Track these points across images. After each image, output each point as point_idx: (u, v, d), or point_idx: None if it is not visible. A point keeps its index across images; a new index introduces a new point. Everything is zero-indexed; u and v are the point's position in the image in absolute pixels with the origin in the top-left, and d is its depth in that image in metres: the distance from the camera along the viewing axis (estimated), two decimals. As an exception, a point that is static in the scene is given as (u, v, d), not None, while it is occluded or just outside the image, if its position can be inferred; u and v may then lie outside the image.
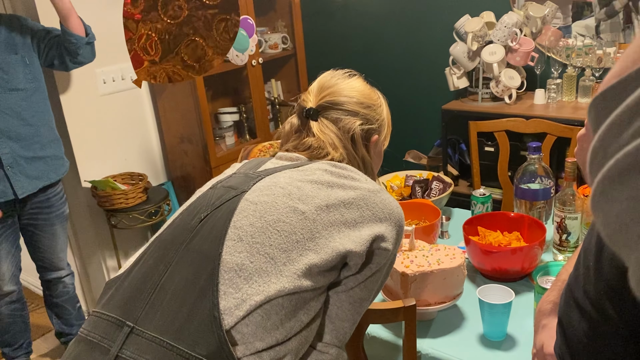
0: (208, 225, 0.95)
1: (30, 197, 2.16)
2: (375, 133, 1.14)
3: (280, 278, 0.88)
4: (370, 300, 1.02)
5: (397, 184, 1.91)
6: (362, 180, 1.03)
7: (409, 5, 3.15)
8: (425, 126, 3.29)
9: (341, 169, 1.04)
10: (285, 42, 3.31)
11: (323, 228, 0.94)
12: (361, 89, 1.16)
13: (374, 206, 0.99)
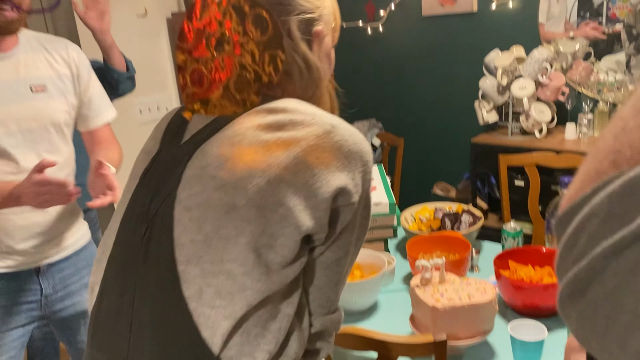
0: (153, 244, 0.83)
1: None
2: (319, 24, 0.93)
3: (243, 292, 0.78)
4: (349, 256, 0.88)
5: (426, 216, 1.91)
6: (307, 122, 0.82)
7: (438, 39, 3.20)
8: (454, 159, 3.29)
9: (277, 113, 0.83)
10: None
11: (271, 212, 0.78)
12: None
13: (327, 156, 0.80)
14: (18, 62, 1.46)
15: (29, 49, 1.49)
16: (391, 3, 3.30)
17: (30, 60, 1.48)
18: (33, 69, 1.47)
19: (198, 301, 0.78)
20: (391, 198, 1.67)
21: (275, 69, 0.77)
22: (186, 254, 0.80)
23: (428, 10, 3.18)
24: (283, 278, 0.81)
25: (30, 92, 1.46)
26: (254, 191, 0.78)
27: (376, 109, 3.56)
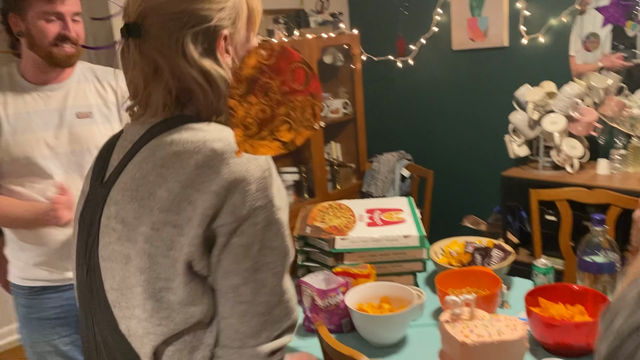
0: (93, 285, 0.89)
1: None
2: (222, 28, 0.85)
3: (147, 337, 0.83)
4: (250, 285, 0.81)
5: (456, 250, 1.91)
6: (189, 151, 0.81)
7: (468, 73, 3.23)
8: (483, 192, 3.28)
9: (166, 146, 0.83)
10: (346, 107, 3.43)
11: (163, 258, 0.80)
12: None
13: (202, 182, 0.79)
14: (68, 91, 1.60)
15: (81, 79, 1.63)
16: (421, 38, 3.36)
17: (80, 89, 1.61)
18: (81, 97, 1.60)
19: (129, 336, 0.85)
20: (421, 231, 1.69)
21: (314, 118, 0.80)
22: (111, 298, 0.86)
23: (458, 44, 3.22)
24: (189, 317, 0.82)
25: (76, 118, 1.58)
26: (143, 240, 0.81)
27: (406, 141, 3.59)
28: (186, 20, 0.83)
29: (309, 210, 1.87)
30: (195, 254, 0.80)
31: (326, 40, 3.11)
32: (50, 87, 1.58)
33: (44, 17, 1.49)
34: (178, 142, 0.83)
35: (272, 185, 0.84)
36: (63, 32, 1.50)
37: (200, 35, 0.84)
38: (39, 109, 1.56)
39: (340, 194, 3.35)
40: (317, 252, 1.72)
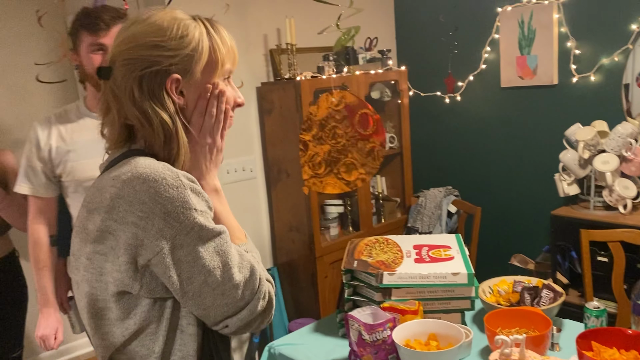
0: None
1: None
2: (172, 72, 0.95)
3: (97, 348, 0.99)
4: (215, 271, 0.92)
5: (504, 289, 1.89)
6: (116, 187, 0.91)
7: (517, 110, 3.22)
8: (532, 230, 3.23)
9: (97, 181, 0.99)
10: (392, 142, 3.46)
11: (97, 282, 0.94)
12: (148, 27, 0.95)
13: (122, 211, 0.89)
14: None
15: None
16: (469, 75, 3.38)
17: None
18: None
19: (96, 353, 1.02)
20: (469, 268, 1.69)
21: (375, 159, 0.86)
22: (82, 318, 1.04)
23: (507, 82, 3.23)
24: (125, 330, 0.94)
25: None
26: (83, 269, 0.96)
27: (453, 177, 3.59)
28: (138, 64, 0.93)
29: (356, 244, 1.90)
30: (127, 280, 0.91)
31: (374, 76, 3.18)
32: None
33: (90, 50, 1.64)
34: (101, 179, 0.96)
35: (187, 196, 0.90)
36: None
37: (146, 78, 0.94)
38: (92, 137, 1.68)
39: (385, 228, 3.36)
40: (364, 286, 1.74)
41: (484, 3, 3.24)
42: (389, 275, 1.66)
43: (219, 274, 0.92)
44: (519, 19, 3.10)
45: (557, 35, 2.97)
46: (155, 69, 0.93)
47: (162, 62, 0.94)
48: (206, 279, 0.91)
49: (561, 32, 2.96)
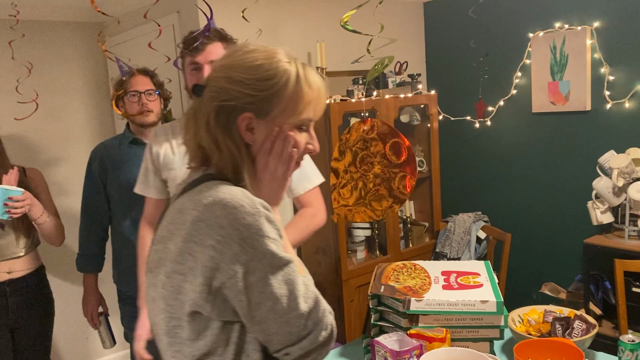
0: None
1: None
2: (247, 110, 0.98)
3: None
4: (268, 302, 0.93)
5: (535, 319, 1.85)
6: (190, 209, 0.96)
7: (549, 136, 3.18)
8: (564, 259, 3.16)
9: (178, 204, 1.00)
10: (422, 166, 3.45)
11: (173, 300, 0.97)
12: (241, 61, 1.00)
13: (202, 234, 0.92)
14: None
15: None
16: (500, 100, 3.36)
17: None
18: None
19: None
20: (498, 296, 1.66)
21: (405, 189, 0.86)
22: (154, 332, 1.07)
23: (538, 107, 3.20)
24: (195, 351, 0.97)
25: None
26: (160, 286, 0.99)
27: (483, 202, 3.54)
28: (220, 94, 0.98)
29: (383, 269, 1.89)
30: (200, 301, 0.94)
31: (403, 100, 3.19)
32: None
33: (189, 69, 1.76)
34: (182, 200, 1.00)
35: (262, 223, 0.93)
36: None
37: (223, 109, 0.98)
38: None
39: (413, 253, 3.33)
40: (391, 312, 1.72)
41: (515, 29, 3.24)
42: (416, 301, 1.64)
43: (286, 302, 0.94)
44: (551, 45, 3.08)
45: (590, 61, 2.94)
46: (233, 103, 0.98)
47: (241, 99, 0.98)
48: (273, 306, 0.93)
49: (594, 58, 2.92)
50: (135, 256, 1.99)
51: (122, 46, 3.26)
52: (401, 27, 3.62)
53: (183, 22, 2.77)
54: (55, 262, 2.99)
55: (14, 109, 2.70)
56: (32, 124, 3.05)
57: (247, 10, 2.18)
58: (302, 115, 1.01)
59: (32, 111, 2.58)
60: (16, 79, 2.74)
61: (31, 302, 2.28)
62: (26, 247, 2.27)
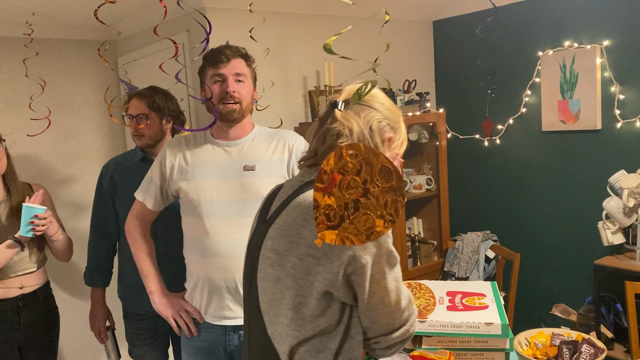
0: (252, 299, 1.25)
1: None
2: (392, 132, 1.24)
3: (286, 337, 1.14)
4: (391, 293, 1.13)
5: (542, 342, 1.82)
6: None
7: (558, 155, 3.16)
8: (574, 280, 3.11)
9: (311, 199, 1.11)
10: (430, 184, 3.43)
11: (302, 280, 1.11)
12: (386, 99, 1.28)
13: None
14: (241, 148, 1.87)
15: (256, 139, 1.90)
16: (509, 118, 3.35)
17: (251, 147, 1.88)
18: (250, 153, 1.86)
19: (273, 338, 1.18)
20: (504, 319, 1.63)
21: (396, 214, 0.89)
22: (263, 309, 1.20)
23: (548, 126, 3.18)
24: (316, 326, 1.12)
25: (242, 170, 1.83)
26: (290, 266, 1.12)
27: (491, 221, 3.51)
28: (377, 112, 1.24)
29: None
30: (335, 282, 1.08)
31: (411, 118, 3.19)
32: (228, 143, 1.87)
33: (212, 81, 1.83)
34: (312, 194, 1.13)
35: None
36: (225, 91, 1.81)
37: (382, 125, 1.24)
38: (217, 161, 1.85)
39: (421, 272, 3.30)
40: (395, 332, 1.70)
41: (524, 47, 3.23)
42: (419, 322, 1.62)
43: (393, 296, 1.13)
44: (561, 63, 3.06)
45: (600, 79, 2.92)
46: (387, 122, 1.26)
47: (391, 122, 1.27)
48: (383, 297, 1.12)
49: (604, 77, 2.91)
50: (137, 274, 1.99)
51: (133, 64, 3.31)
52: (410, 45, 3.63)
53: (193, 40, 2.80)
54: (62, 277, 3.01)
55: (27, 126, 2.74)
56: (45, 140, 3.09)
57: (255, 30, 2.20)
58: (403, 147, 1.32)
59: (45, 128, 2.61)
60: (29, 96, 2.79)
61: (40, 317, 2.30)
62: (37, 262, 2.28)
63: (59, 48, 3.33)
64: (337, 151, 0.86)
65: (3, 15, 2.87)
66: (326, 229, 0.81)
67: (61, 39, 3.31)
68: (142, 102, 2.31)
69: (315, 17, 3.13)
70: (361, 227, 0.84)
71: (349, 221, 0.82)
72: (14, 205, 2.22)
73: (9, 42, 3.10)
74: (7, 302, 2.18)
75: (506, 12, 3.28)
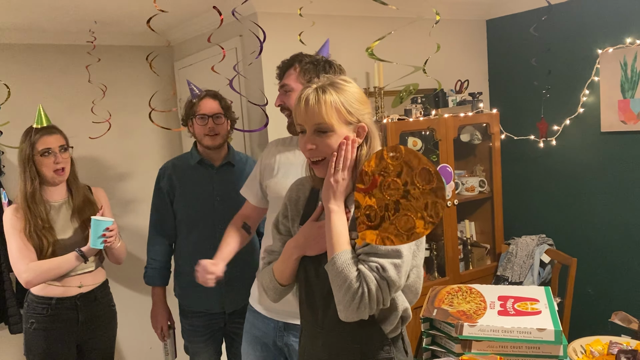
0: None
1: (240, 308, 2.44)
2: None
3: None
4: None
5: (598, 350, 1.76)
6: None
7: (619, 156, 3.03)
8: (636, 286, 2.98)
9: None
10: (483, 186, 3.37)
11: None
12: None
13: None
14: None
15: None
16: (566, 119, 3.24)
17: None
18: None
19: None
20: (557, 325, 1.59)
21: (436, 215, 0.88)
22: None
23: (608, 126, 3.06)
24: (403, 302, 1.39)
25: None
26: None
27: (547, 224, 3.41)
28: None
29: (437, 292, 1.86)
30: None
31: (464, 119, 3.14)
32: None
33: (280, 91, 1.95)
34: None
35: None
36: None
37: None
38: (301, 162, 1.95)
39: (473, 275, 3.24)
40: (444, 336, 1.68)
41: (581, 45, 3.12)
42: (469, 326, 1.60)
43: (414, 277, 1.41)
44: (622, 61, 2.94)
45: (664, 77, 2.79)
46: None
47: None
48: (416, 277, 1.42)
49: (669, 75, 2.77)
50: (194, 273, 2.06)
51: (189, 69, 3.41)
52: (463, 45, 3.58)
53: (246, 45, 2.86)
54: (118, 272, 3.13)
55: (89, 129, 2.87)
56: (104, 142, 3.23)
57: (305, 33, 2.23)
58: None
59: (106, 130, 2.73)
60: (92, 100, 2.92)
61: (98, 315, 2.39)
62: (95, 261, 2.39)
63: (119, 54, 3.47)
64: (378, 153, 0.87)
65: (68, 25, 3.02)
66: (367, 229, 0.82)
67: (121, 45, 3.46)
68: (216, 102, 2.38)
69: (364, 19, 3.13)
70: (402, 228, 0.84)
71: (389, 222, 0.83)
72: (75, 207, 2.33)
73: (73, 50, 3.26)
74: (66, 300, 2.28)
75: (562, 10, 3.18)
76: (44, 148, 2.23)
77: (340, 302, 1.24)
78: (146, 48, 3.52)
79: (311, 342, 1.44)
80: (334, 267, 1.23)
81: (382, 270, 1.20)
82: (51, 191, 2.30)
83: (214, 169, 2.43)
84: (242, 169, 2.46)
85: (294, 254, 1.39)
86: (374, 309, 1.24)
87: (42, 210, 2.22)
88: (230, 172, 2.45)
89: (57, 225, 2.26)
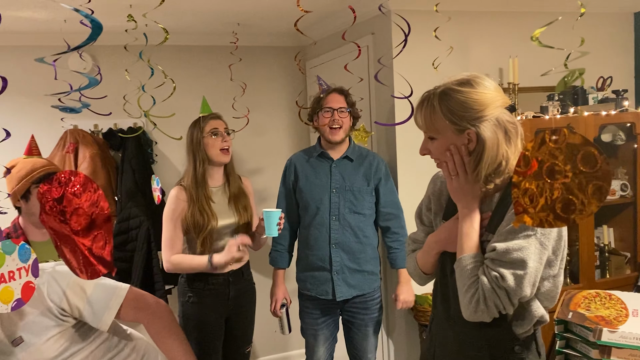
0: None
1: (353, 298, 2.51)
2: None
3: None
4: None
5: None
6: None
7: None
8: None
9: None
10: (625, 190, 3.13)
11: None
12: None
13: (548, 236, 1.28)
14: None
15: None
16: None
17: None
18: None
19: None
20: None
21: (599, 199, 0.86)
22: None
23: None
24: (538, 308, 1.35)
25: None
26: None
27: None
28: None
29: (573, 295, 1.79)
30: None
31: (605, 118, 2.94)
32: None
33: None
34: None
35: None
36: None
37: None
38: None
39: (609, 284, 3.03)
40: (579, 340, 1.62)
41: None
42: (609, 332, 1.53)
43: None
44: None
45: None
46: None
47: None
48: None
49: None
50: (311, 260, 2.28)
51: (319, 68, 3.55)
52: (607, 39, 3.35)
53: (377, 42, 2.92)
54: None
55: (229, 124, 3.10)
56: (241, 137, 3.47)
57: (439, 29, 2.24)
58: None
59: (244, 125, 2.94)
60: (232, 97, 3.15)
61: (244, 291, 2.59)
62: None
63: (258, 54, 3.70)
64: (540, 136, 0.87)
65: (214, 27, 3.29)
66: (523, 212, 0.84)
67: (260, 46, 3.69)
68: (342, 97, 2.52)
69: (499, 14, 3.05)
70: (562, 212, 0.84)
71: (547, 205, 0.84)
72: (231, 194, 2.53)
73: (218, 50, 3.54)
74: (221, 276, 2.49)
75: None
76: (213, 128, 2.48)
77: (461, 301, 1.31)
78: (280, 48, 3.73)
79: (442, 332, 1.47)
80: (459, 268, 1.31)
81: (500, 280, 1.22)
82: (212, 176, 2.51)
83: (332, 162, 2.54)
84: (360, 163, 2.55)
85: (435, 249, 1.44)
86: (493, 315, 1.26)
87: (207, 192, 2.44)
88: (347, 166, 2.55)
89: (216, 208, 2.47)
